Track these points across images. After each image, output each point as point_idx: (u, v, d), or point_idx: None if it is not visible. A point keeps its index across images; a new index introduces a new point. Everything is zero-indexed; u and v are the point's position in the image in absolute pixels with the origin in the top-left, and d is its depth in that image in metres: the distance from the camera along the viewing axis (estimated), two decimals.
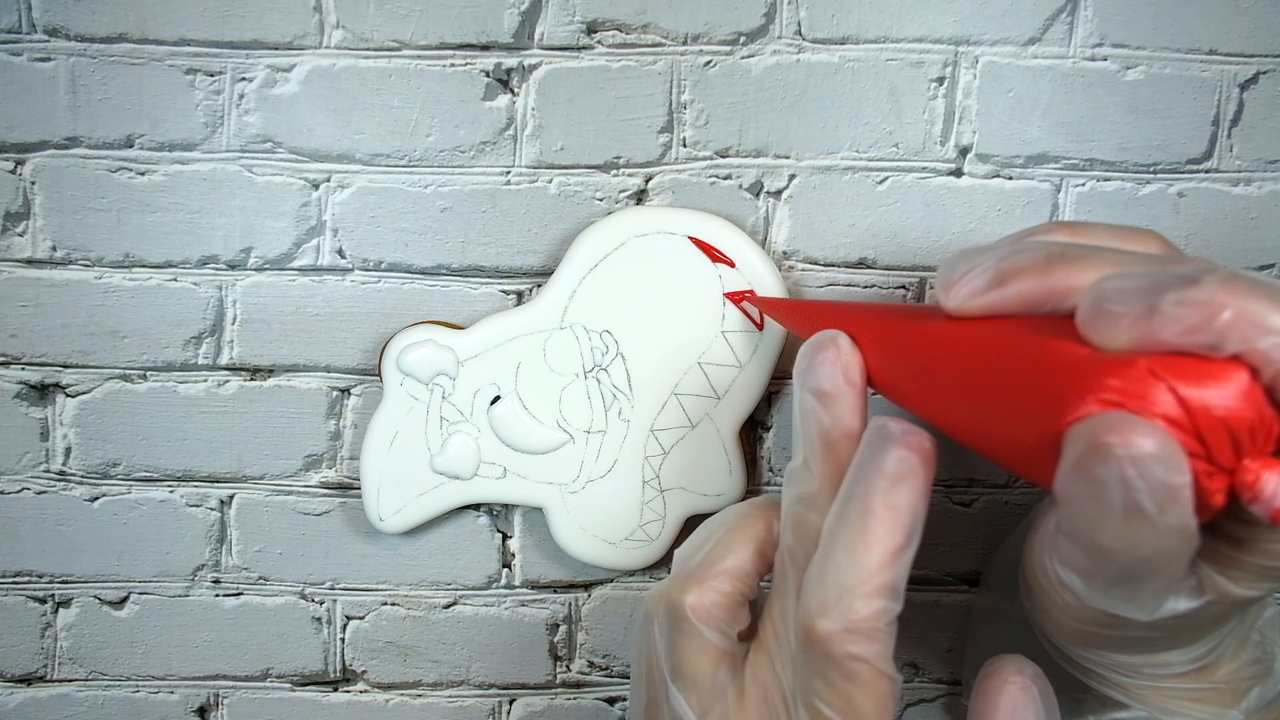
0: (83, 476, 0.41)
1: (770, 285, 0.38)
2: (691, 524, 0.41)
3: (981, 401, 0.22)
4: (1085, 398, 0.18)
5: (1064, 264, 0.22)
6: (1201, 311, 0.18)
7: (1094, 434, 0.18)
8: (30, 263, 0.39)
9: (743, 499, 0.40)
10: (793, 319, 0.35)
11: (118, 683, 0.42)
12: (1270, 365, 0.18)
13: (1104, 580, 0.20)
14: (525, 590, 0.42)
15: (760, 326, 0.38)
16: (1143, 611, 0.21)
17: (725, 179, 0.39)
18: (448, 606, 0.42)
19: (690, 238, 0.38)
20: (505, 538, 0.42)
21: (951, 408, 0.24)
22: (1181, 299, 0.18)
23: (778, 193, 0.40)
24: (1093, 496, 0.18)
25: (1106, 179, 0.40)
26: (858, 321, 0.29)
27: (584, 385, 0.39)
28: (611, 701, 0.43)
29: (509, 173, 0.39)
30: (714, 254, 0.38)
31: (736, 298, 0.37)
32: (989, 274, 0.23)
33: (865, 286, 0.40)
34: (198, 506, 0.41)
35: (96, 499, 0.41)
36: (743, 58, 0.39)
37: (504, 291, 0.40)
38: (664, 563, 0.41)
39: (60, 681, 0.42)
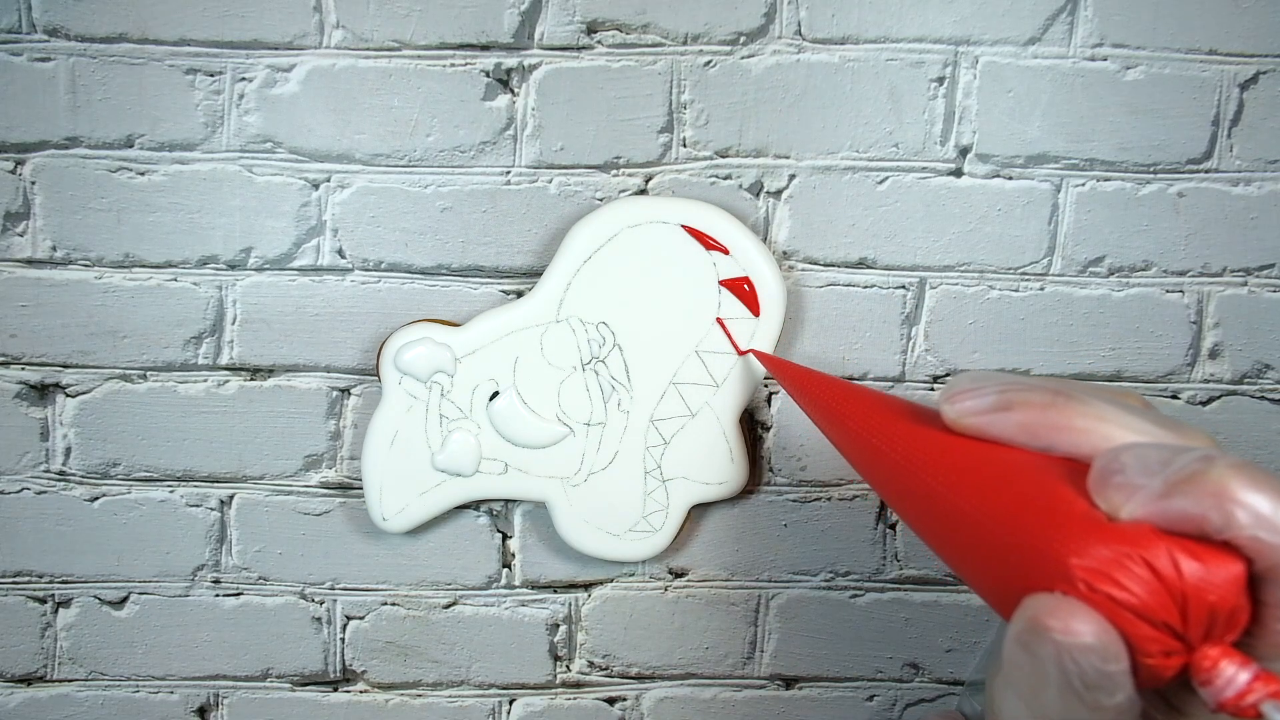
0: (83, 476, 0.41)
1: (764, 270, 0.38)
2: (695, 513, 0.41)
3: (973, 523, 0.22)
4: (1074, 545, 0.19)
5: (1068, 403, 0.23)
6: (1213, 497, 0.19)
7: (1036, 613, 0.19)
8: (30, 263, 0.39)
9: (745, 487, 0.40)
10: (793, 387, 0.35)
11: (118, 683, 0.42)
12: (1264, 559, 0.19)
13: None
14: (525, 590, 0.42)
15: (756, 312, 0.38)
16: None
17: (725, 179, 0.39)
18: (448, 606, 0.42)
19: (683, 226, 0.38)
20: (505, 538, 0.42)
21: (937, 523, 0.24)
22: (1193, 481, 0.19)
23: (778, 193, 0.40)
24: (1033, 667, 0.19)
25: (1106, 179, 0.40)
26: (854, 405, 0.28)
27: (582, 378, 0.39)
28: (611, 701, 0.43)
29: (509, 173, 0.39)
30: (708, 241, 0.38)
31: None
32: (994, 397, 0.24)
33: (865, 286, 0.40)
34: (198, 506, 0.41)
35: (96, 499, 0.41)
36: (743, 58, 0.39)
37: (504, 291, 0.40)
38: (669, 553, 0.41)
39: (60, 681, 0.42)
